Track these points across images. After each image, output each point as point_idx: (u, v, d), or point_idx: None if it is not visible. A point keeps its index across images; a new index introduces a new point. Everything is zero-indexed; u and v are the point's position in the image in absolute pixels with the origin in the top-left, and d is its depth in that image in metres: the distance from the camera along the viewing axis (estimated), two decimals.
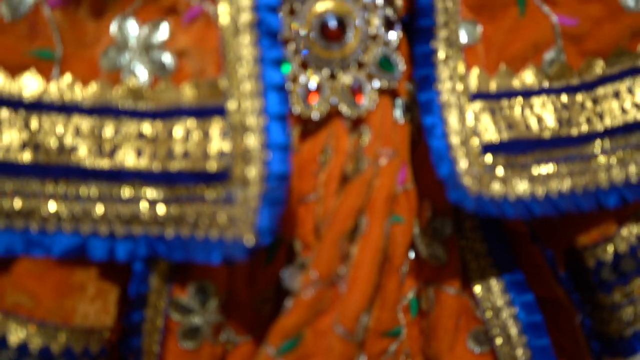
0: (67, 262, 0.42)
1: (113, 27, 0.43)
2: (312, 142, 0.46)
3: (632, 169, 0.46)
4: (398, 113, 0.49)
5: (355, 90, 0.46)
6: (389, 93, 0.48)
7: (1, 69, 0.42)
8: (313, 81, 0.45)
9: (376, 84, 0.46)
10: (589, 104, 0.49)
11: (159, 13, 0.43)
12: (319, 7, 0.45)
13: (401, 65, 0.47)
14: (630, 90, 0.49)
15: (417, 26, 0.46)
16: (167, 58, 0.42)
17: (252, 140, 0.40)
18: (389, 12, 0.47)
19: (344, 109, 0.46)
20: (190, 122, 0.41)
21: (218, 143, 0.41)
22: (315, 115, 0.45)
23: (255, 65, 0.41)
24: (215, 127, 0.41)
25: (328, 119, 0.46)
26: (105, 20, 0.43)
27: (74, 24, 0.43)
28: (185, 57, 0.42)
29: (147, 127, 0.42)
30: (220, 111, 0.41)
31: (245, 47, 0.41)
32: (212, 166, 0.41)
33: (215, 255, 0.39)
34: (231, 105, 0.41)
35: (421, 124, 0.47)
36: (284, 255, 0.47)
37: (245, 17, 0.41)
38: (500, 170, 0.45)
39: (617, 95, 0.49)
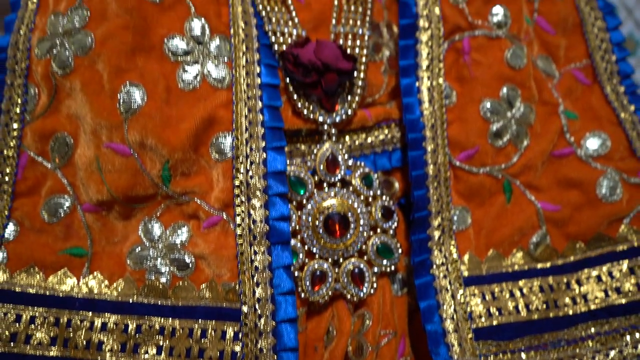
0: None
1: (139, 228, 0.47)
2: (317, 322, 0.49)
3: (616, 355, 0.47)
4: (396, 287, 0.53)
5: (357, 276, 0.49)
6: (388, 273, 0.51)
7: (37, 270, 0.46)
8: (318, 270, 0.48)
9: (376, 269, 0.50)
10: (574, 286, 0.51)
11: (182, 217, 0.47)
12: (325, 204, 0.49)
13: (399, 250, 0.50)
14: (611, 275, 0.51)
15: (413, 217, 0.50)
16: (186, 259, 0.46)
17: (263, 343, 0.43)
18: (387, 200, 0.51)
19: (346, 294, 0.49)
20: (207, 323, 0.44)
21: (232, 344, 0.43)
22: (320, 300, 0.48)
23: (266, 272, 0.44)
24: (230, 329, 0.44)
25: (332, 301, 0.49)
26: (133, 222, 0.47)
27: (104, 225, 0.47)
28: (203, 260, 0.46)
29: (166, 325, 0.45)
30: (235, 314, 0.44)
31: (259, 255, 0.44)
32: None
33: None
34: (245, 309, 0.44)
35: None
36: None
37: (260, 227, 0.45)
38: (492, 358, 0.47)
39: (599, 279, 0.51)
